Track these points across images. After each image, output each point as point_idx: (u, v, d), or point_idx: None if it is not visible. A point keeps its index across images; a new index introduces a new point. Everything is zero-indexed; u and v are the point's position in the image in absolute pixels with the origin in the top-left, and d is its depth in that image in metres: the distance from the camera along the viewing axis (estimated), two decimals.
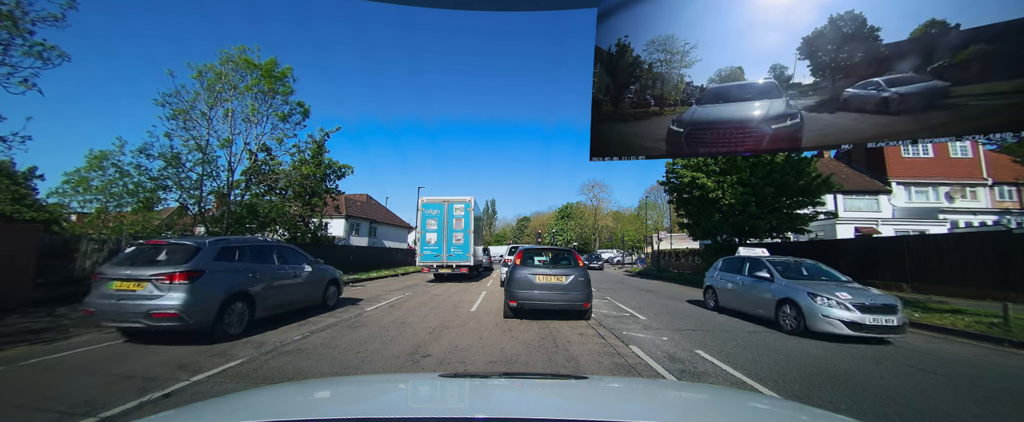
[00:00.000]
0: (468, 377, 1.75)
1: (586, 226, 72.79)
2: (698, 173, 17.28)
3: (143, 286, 5.71)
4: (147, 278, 5.72)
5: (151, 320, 5.58)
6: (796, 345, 6.41)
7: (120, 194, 12.12)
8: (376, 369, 4.92)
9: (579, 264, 8.36)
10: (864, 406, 3.87)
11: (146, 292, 5.69)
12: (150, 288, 5.69)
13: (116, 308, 5.63)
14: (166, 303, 5.61)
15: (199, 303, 5.81)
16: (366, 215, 37.79)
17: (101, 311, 5.69)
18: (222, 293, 6.19)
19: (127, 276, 5.79)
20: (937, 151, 25.73)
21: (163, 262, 6.01)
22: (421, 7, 3.02)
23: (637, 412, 1.37)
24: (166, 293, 5.68)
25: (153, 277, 5.72)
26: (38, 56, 8.29)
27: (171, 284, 5.72)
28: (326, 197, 18.90)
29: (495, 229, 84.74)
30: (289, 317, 7.98)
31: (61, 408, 3.51)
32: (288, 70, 14.60)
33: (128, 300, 5.66)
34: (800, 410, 1.54)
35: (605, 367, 5.13)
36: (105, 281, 5.85)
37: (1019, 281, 11.01)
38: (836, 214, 24.82)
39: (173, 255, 6.14)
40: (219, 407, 1.31)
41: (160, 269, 5.81)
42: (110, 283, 5.79)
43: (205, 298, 5.93)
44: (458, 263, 17.36)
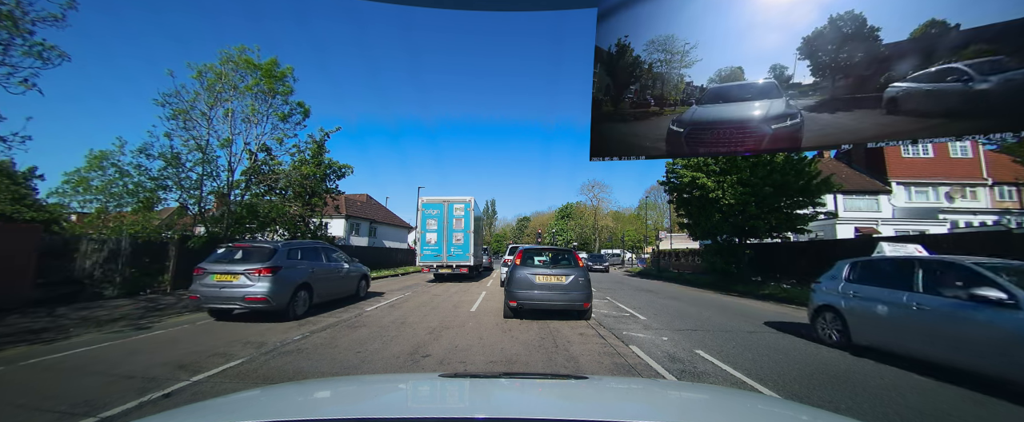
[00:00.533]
0: (468, 377, 1.75)
1: (586, 226, 72.76)
2: (698, 173, 17.28)
3: (237, 278, 7.46)
4: (241, 271, 7.47)
5: (244, 303, 7.38)
6: (795, 345, 6.41)
7: (120, 194, 12.10)
8: (376, 369, 4.92)
9: (579, 264, 8.36)
10: (864, 406, 3.87)
11: (240, 282, 7.44)
12: (243, 279, 7.45)
13: (218, 294, 7.43)
14: (256, 290, 7.36)
15: (279, 290, 7.59)
16: (366, 215, 37.79)
17: (205, 296, 7.45)
18: (293, 283, 7.97)
19: (224, 270, 7.52)
20: (937, 151, 25.73)
21: (250, 260, 7.74)
22: (421, 7, 3.02)
23: (637, 412, 1.37)
24: (255, 283, 7.42)
25: (245, 271, 7.46)
26: (38, 56, 8.28)
27: (259, 276, 7.45)
28: (326, 197, 18.85)
29: (495, 229, 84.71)
30: (334, 304, 9.76)
31: (61, 408, 3.51)
32: (288, 70, 14.58)
33: (227, 288, 7.44)
34: (800, 410, 1.54)
35: (605, 367, 5.13)
36: (207, 274, 7.54)
37: None
38: (836, 214, 24.82)
39: (257, 254, 7.86)
40: (219, 407, 1.31)
41: (249, 265, 7.55)
42: (211, 275, 7.52)
43: (282, 287, 7.69)
44: (458, 263, 17.36)
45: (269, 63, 14.04)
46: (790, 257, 19.82)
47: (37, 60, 8.30)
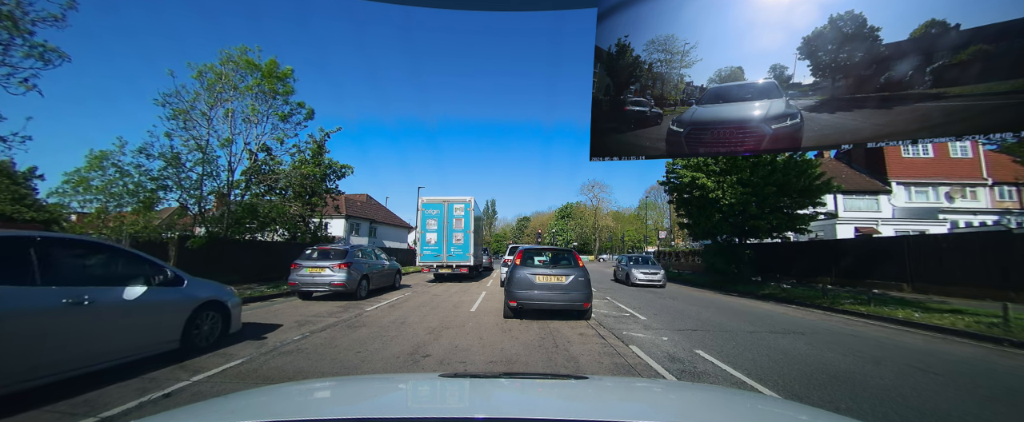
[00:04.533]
0: (468, 377, 1.74)
1: (586, 226, 72.75)
2: (698, 173, 17.26)
3: (324, 270, 10.46)
4: (327, 265, 10.51)
5: (330, 287, 10.40)
6: (795, 344, 6.41)
7: (120, 194, 12.07)
8: (376, 369, 4.92)
9: (579, 264, 8.36)
10: (864, 406, 3.87)
11: (326, 273, 10.44)
12: (328, 271, 10.44)
13: (311, 281, 10.48)
14: (337, 278, 10.41)
15: (352, 279, 10.66)
16: (366, 215, 37.79)
17: (301, 283, 10.50)
18: (359, 274, 11.04)
19: (315, 264, 10.58)
20: (937, 151, 25.72)
21: (331, 257, 10.80)
22: (421, 7, 3.02)
23: (637, 412, 1.37)
24: (337, 273, 10.44)
25: (330, 264, 10.52)
26: (40, 57, 8.29)
27: (339, 269, 10.48)
28: (326, 197, 18.87)
29: (495, 229, 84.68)
30: (381, 291, 12.95)
31: (61, 408, 3.50)
32: (289, 71, 14.59)
33: (317, 277, 10.46)
34: (800, 410, 1.54)
35: (605, 367, 5.13)
36: (302, 267, 10.57)
37: (1019, 281, 11.00)
38: (836, 214, 24.81)
39: (336, 253, 11.00)
40: (219, 407, 1.31)
41: (332, 261, 10.62)
42: (305, 268, 10.54)
43: (354, 277, 10.75)
44: (458, 263, 17.36)
45: (270, 64, 14.03)
46: (790, 257, 19.83)
47: (38, 61, 8.30)
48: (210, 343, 5.47)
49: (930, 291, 13.17)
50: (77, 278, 4.02)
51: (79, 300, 3.82)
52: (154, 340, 4.65)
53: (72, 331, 3.74)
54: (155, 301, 4.65)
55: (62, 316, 3.68)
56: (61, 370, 3.69)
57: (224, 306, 5.66)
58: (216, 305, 5.55)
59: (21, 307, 3.43)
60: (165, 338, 4.79)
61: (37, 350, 3.49)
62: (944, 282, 12.98)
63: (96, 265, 4.42)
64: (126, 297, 4.28)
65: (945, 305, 10.22)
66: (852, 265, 16.57)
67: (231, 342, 5.86)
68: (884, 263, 15.14)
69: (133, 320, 4.37)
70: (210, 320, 5.47)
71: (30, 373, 3.45)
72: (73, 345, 3.74)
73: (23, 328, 3.42)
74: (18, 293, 3.47)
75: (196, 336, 5.23)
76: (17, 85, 8.14)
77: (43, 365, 3.54)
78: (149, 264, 4.85)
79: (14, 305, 3.40)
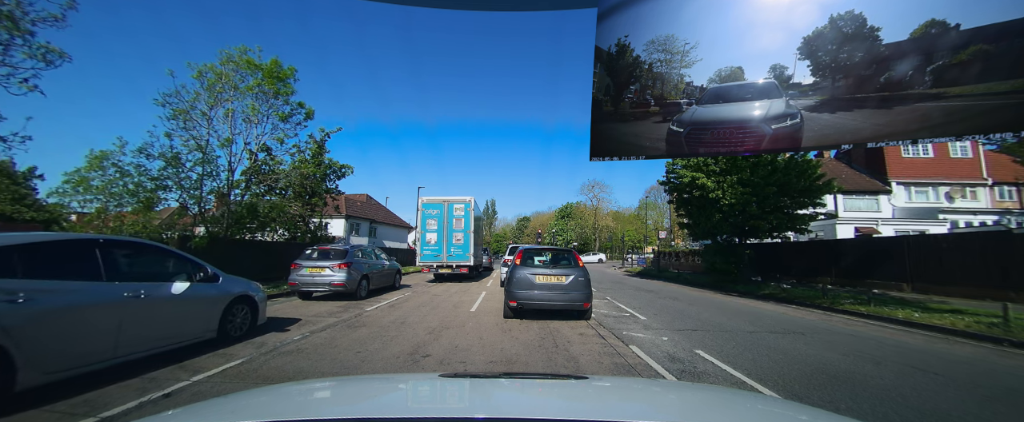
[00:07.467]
0: (468, 377, 1.75)
1: (586, 226, 72.76)
2: (698, 173, 17.25)
3: (324, 270, 10.42)
4: (326, 265, 10.46)
5: (330, 287, 10.38)
6: (795, 344, 6.41)
7: (120, 194, 12.09)
8: (376, 369, 4.92)
9: (579, 264, 8.36)
10: (864, 406, 3.87)
11: (326, 273, 10.40)
12: (328, 271, 10.40)
13: (311, 281, 10.47)
14: (337, 278, 10.38)
15: (352, 279, 10.62)
16: (366, 215, 37.80)
17: (301, 283, 10.48)
18: (359, 274, 11.01)
19: (315, 264, 10.54)
20: (937, 151, 25.72)
21: (331, 257, 10.75)
22: (421, 7, 3.02)
23: (637, 412, 1.37)
24: (337, 273, 10.40)
25: (330, 264, 10.47)
26: (42, 58, 8.29)
27: (339, 269, 10.44)
28: (326, 197, 18.88)
29: (495, 229, 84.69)
30: (381, 291, 12.96)
31: (60, 408, 3.50)
32: (292, 71, 14.59)
33: (317, 277, 10.43)
34: (800, 410, 1.54)
35: (605, 367, 5.13)
36: (302, 267, 10.54)
37: (1019, 281, 11.00)
38: (836, 214, 24.81)
39: (336, 253, 10.97)
40: (219, 407, 1.31)
41: (332, 261, 10.57)
42: (305, 268, 10.51)
43: (354, 277, 10.71)
44: (458, 263, 17.36)
45: (273, 64, 14.05)
46: (790, 257, 19.83)
47: (40, 61, 8.30)
48: (242, 333, 6.03)
49: (930, 291, 13.16)
50: (133, 275, 4.55)
51: (136, 294, 4.36)
52: (196, 329, 5.21)
53: (133, 320, 4.32)
54: (197, 295, 5.18)
55: (125, 307, 4.24)
56: (130, 352, 4.30)
57: (253, 300, 6.24)
58: (246, 299, 6.13)
59: (98, 300, 4.04)
60: (205, 328, 5.35)
61: (114, 335, 4.11)
62: (944, 282, 12.97)
63: (147, 263, 4.96)
64: (173, 292, 4.82)
65: (945, 305, 10.22)
66: (852, 265, 16.57)
67: (259, 333, 6.43)
68: (884, 263, 15.13)
69: (179, 311, 4.95)
70: (242, 313, 6.04)
71: (111, 352, 4.09)
72: (135, 332, 4.33)
73: (101, 317, 4.04)
74: (94, 288, 4.06)
75: (230, 327, 5.78)
76: (18, 85, 8.15)
77: (120, 346, 4.16)
78: (191, 263, 5.37)
79: (94, 298, 4.01)
